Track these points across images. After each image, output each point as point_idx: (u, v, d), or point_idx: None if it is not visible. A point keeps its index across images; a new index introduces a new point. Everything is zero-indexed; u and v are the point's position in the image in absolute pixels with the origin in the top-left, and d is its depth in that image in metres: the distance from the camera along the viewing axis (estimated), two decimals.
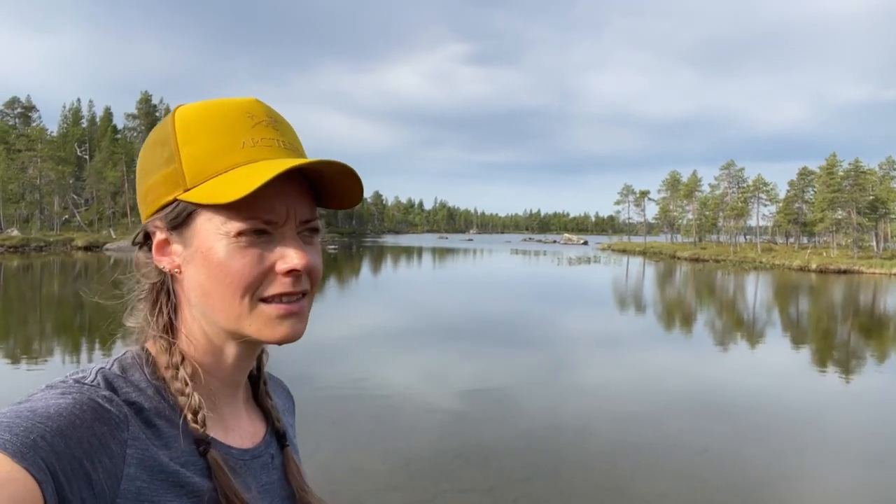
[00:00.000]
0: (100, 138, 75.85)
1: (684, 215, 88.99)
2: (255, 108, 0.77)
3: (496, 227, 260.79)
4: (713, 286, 36.14)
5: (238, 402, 0.84)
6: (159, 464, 0.69)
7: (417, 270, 41.98)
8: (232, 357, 0.79)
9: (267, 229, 0.73)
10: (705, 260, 65.32)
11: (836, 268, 51.48)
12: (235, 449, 0.79)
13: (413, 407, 8.77)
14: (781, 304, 27.03)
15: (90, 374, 0.71)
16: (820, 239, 72.52)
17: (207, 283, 0.74)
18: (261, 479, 0.81)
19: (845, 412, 9.78)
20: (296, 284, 0.75)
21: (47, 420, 0.59)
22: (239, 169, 0.72)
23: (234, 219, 0.72)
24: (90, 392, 0.67)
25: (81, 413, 0.63)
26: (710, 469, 6.91)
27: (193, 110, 0.76)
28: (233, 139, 0.74)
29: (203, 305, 0.76)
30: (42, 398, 0.64)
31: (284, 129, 0.79)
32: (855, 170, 61.50)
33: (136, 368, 0.74)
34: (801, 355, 14.91)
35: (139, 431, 0.68)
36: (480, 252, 71.39)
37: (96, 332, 14.46)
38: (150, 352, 0.77)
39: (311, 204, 0.78)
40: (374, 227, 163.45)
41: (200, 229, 0.74)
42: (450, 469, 6.58)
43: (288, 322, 0.75)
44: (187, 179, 0.73)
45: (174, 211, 0.75)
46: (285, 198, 0.74)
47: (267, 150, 0.74)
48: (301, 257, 0.73)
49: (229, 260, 0.72)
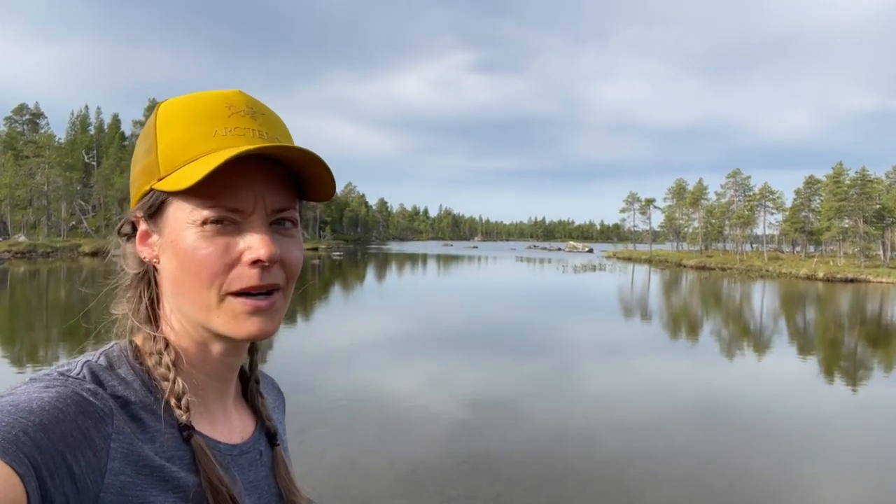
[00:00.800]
0: (107, 145, 76.32)
1: (690, 223, 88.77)
2: (235, 98, 0.76)
3: (501, 235, 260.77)
4: (719, 295, 35.99)
5: (227, 399, 0.83)
6: (144, 458, 0.68)
7: (422, 277, 41.99)
8: (217, 352, 0.78)
9: (232, 217, 0.72)
10: (711, 268, 65.09)
11: (842, 276, 51.22)
12: (223, 444, 0.78)
13: (419, 414, 8.75)
14: (788, 313, 26.90)
15: (76, 366, 0.70)
16: (827, 248, 72.16)
17: (177, 273, 0.73)
18: (248, 476, 0.80)
19: (852, 421, 9.70)
20: (264, 277, 0.72)
21: (29, 414, 0.59)
22: (207, 156, 0.71)
23: (199, 206, 0.71)
24: (74, 385, 0.66)
25: (65, 407, 0.63)
26: (716, 478, 6.87)
27: (175, 102, 0.76)
28: (206, 128, 0.73)
29: (175, 296, 0.75)
30: (25, 392, 0.64)
31: (265, 119, 0.77)
32: (862, 178, 61.29)
33: (122, 361, 0.74)
34: (808, 365, 14.82)
35: (124, 425, 0.68)
36: (485, 259, 71.36)
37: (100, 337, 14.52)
38: (137, 344, 0.77)
39: (287, 194, 0.76)
40: (379, 234, 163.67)
41: (171, 218, 0.73)
42: (456, 476, 6.56)
43: (256, 318, 0.73)
44: (161, 169, 0.73)
45: (149, 200, 0.75)
46: (253, 186, 0.72)
47: (239, 138, 0.73)
48: (267, 247, 0.71)
49: (195, 249, 0.71)
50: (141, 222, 0.77)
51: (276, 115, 0.81)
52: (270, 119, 0.78)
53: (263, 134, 0.75)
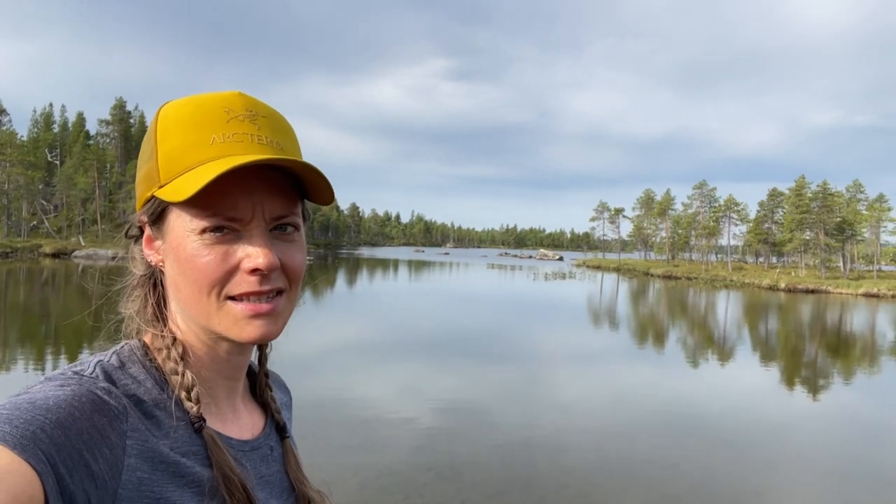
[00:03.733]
0: (71, 144, 74.52)
1: (658, 233, 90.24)
2: (234, 101, 0.75)
3: (472, 242, 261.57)
4: (685, 304, 36.59)
5: (236, 396, 0.84)
6: (159, 454, 0.69)
7: (393, 283, 41.82)
8: (223, 351, 0.79)
9: (231, 226, 0.72)
10: (678, 277, 66.19)
11: (804, 287, 52.53)
12: (235, 440, 0.79)
13: (386, 421, 8.68)
14: (751, 323, 27.46)
15: (89, 366, 0.71)
16: (789, 259, 73.98)
17: (178, 279, 0.74)
18: (260, 471, 0.81)
19: (813, 428, 9.92)
20: (264, 283, 0.73)
21: (46, 412, 0.60)
22: (204, 165, 0.71)
23: (198, 216, 0.72)
24: (89, 384, 0.67)
25: (80, 405, 0.63)
26: (681, 484, 6.94)
27: (174, 106, 0.76)
28: (203, 135, 0.73)
29: (178, 301, 0.77)
30: (41, 390, 0.64)
31: (266, 123, 0.76)
32: (823, 192, 63.03)
33: (134, 360, 0.75)
34: (770, 373, 15.12)
35: (139, 423, 0.69)
36: (457, 266, 71.43)
37: (60, 341, 14.11)
38: (146, 342, 0.77)
39: (286, 200, 0.76)
40: (351, 238, 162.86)
41: (173, 226, 0.74)
42: (422, 483, 6.51)
43: (257, 322, 0.74)
44: (161, 176, 0.73)
45: (151, 207, 0.75)
46: (251, 194, 0.73)
47: (238, 145, 0.72)
48: (265, 256, 0.72)
49: (195, 257, 0.72)
50: (146, 227, 0.78)
51: (280, 115, 0.80)
52: (272, 121, 0.77)
53: (263, 139, 0.74)
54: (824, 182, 63.44)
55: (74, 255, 53.46)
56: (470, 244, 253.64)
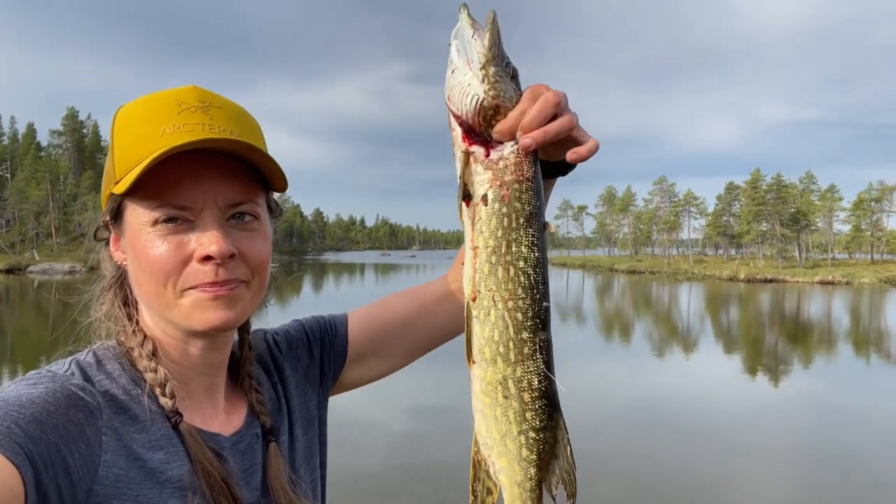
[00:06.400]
0: (22, 156, 72.22)
1: (620, 229, 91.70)
2: (187, 94, 0.75)
3: (439, 243, 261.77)
4: (650, 298, 37.25)
5: (217, 391, 0.83)
6: (135, 450, 0.69)
7: (360, 287, 41.60)
8: (193, 347, 0.78)
9: (184, 216, 0.72)
10: (641, 272, 67.35)
11: (762, 277, 54.01)
12: (217, 435, 0.79)
13: (359, 424, 8.64)
14: (714, 314, 28.11)
15: (65, 364, 0.72)
16: (747, 250, 75.99)
17: (137, 273, 0.74)
18: (247, 462, 0.81)
19: (776, 413, 10.22)
20: (220, 273, 0.72)
21: (20, 408, 0.59)
22: (152, 156, 0.69)
23: (148, 207, 0.71)
24: (63, 380, 0.67)
25: (55, 400, 0.64)
26: (653, 473, 7.08)
27: (130, 105, 0.76)
28: (154, 128, 0.72)
29: (140, 296, 0.77)
30: (13, 389, 0.65)
31: (221, 113, 0.75)
32: (777, 184, 64.92)
33: (109, 358, 0.75)
34: (733, 362, 15.51)
35: (114, 419, 0.69)
36: (424, 268, 71.44)
37: (17, 358, 13.66)
38: (121, 341, 0.77)
39: (242, 187, 0.75)
40: (315, 244, 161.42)
41: (129, 221, 0.74)
42: (399, 485, 6.51)
43: (213, 306, 0.72)
44: (116, 173, 0.73)
45: (111, 204, 0.76)
46: (199, 182, 0.72)
47: (187, 134, 0.71)
48: (217, 243, 0.71)
49: (148, 248, 0.71)
50: (110, 226, 0.78)
51: (238, 107, 0.79)
52: (227, 112, 0.76)
53: (216, 128, 0.73)
54: (778, 174, 65.42)
55: (29, 271, 51.79)
56: (436, 246, 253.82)
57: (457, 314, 1.02)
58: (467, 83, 0.76)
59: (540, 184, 0.77)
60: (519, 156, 0.75)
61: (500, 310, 0.76)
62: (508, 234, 0.75)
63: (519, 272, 0.75)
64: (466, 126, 0.77)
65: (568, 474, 0.81)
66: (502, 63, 0.76)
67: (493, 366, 0.78)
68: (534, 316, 0.76)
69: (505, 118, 0.75)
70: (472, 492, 0.81)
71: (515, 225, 0.75)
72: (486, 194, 0.76)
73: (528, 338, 0.76)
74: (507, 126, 0.74)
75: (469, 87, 0.75)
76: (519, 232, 0.75)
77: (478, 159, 0.77)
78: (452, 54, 0.77)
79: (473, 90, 0.75)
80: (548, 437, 0.79)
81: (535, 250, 0.75)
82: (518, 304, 0.75)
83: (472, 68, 0.75)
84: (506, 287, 0.75)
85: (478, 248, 0.77)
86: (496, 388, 0.78)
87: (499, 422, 0.79)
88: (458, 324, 1.03)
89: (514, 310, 0.75)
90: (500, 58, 0.76)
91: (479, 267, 0.76)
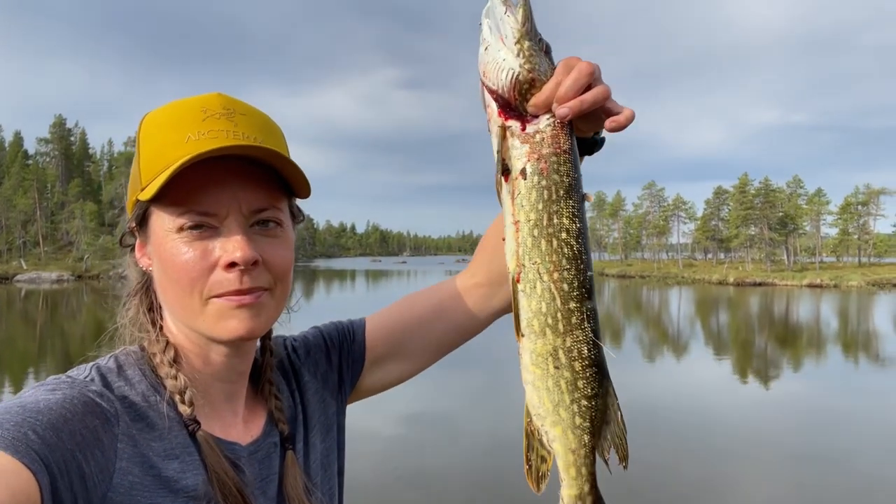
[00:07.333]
0: (9, 164, 71.67)
1: (610, 234, 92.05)
2: (212, 101, 0.75)
3: (429, 249, 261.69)
4: (640, 302, 37.39)
5: (238, 399, 0.83)
6: (151, 458, 0.69)
7: (352, 294, 41.50)
8: (216, 354, 0.78)
9: (208, 222, 0.72)
10: (631, 276, 67.62)
11: (751, 281, 54.37)
12: (235, 444, 0.79)
13: (352, 430, 8.60)
14: (704, 318, 28.24)
15: (85, 370, 0.72)
16: (736, 254, 76.42)
17: (163, 280, 0.74)
18: (266, 471, 0.81)
19: (767, 416, 10.26)
20: (244, 280, 0.72)
21: (37, 414, 0.60)
22: (178, 163, 0.69)
23: (173, 214, 0.72)
24: (81, 387, 0.68)
25: (72, 407, 0.64)
26: (646, 476, 7.08)
27: (156, 112, 0.77)
28: (179, 135, 0.72)
29: (165, 302, 0.77)
30: (32, 395, 0.65)
31: (245, 120, 0.76)
32: (765, 188, 65.41)
33: (130, 364, 0.75)
34: (724, 365, 15.59)
35: (131, 426, 0.69)
36: (415, 274, 71.38)
37: (4, 369, 13.52)
38: (144, 347, 0.78)
39: (266, 193, 0.75)
40: (306, 251, 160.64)
41: (155, 228, 0.74)
42: (391, 492, 6.48)
43: (238, 315, 0.73)
44: (142, 179, 0.73)
45: (136, 211, 0.76)
46: (224, 188, 0.72)
47: (212, 141, 0.72)
48: (242, 249, 0.71)
49: (174, 255, 0.72)
50: (135, 232, 0.78)
51: (262, 114, 0.80)
52: (251, 118, 0.77)
53: (240, 135, 0.73)
54: (766, 179, 65.90)
55: (16, 280, 51.27)
56: (427, 252, 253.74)
57: (474, 311, 1.04)
58: (502, 58, 0.76)
59: (576, 155, 0.78)
60: (555, 128, 0.76)
61: (546, 282, 0.77)
62: (549, 207, 0.76)
63: (562, 243, 0.76)
64: (502, 101, 0.78)
65: (620, 439, 0.84)
66: (535, 38, 0.77)
67: (542, 337, 0.79)
68: (580, 286, 0.78)
69: (540, 91, 0.75)
70: (527, 461, 0.82)
71: (556, 197, 0.76)
72: (524, 168, 0.76)
73: (575, 307, 0.78)
74: (543, 98, 0.75)
75: (504, 62, 0.76)
76: (559, 204, 0.76)
77: (514, 133, 0.77)
78: (485, 32, 0.78)
79: (508, 65, 0.76)
80: (599, 404, 0.82)
81: (577, 221, 0.76)
82: (563, 274, 0.77)
83: (506, 44, 0.76)
84: (550, 259, 0.76)
85: (519, 223, 0.77)
86: (546, 359, 0.80)
87: (551, 392, 0.80)
88: (476, 321, 1.06)
89: (559, 281, 0.77)
90: (533, 33, 0.77)
91: (522, 241, 0.77)
